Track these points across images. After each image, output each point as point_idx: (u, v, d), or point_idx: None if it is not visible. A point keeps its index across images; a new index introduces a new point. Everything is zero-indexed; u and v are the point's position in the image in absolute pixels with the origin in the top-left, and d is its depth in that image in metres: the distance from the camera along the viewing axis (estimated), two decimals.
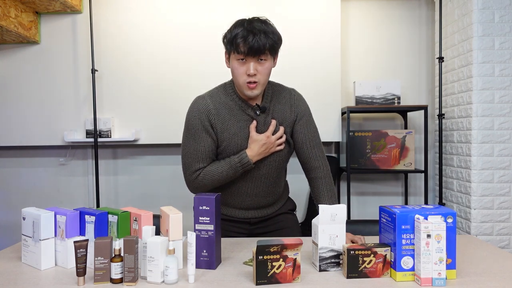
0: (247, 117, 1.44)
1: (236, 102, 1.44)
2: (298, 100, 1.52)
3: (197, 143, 1.43)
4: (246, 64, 1.35)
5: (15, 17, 2.41)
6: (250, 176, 1.48)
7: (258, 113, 1.44)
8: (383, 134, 2.57)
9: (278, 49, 1.39)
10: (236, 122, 1.44)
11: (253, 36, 1.30)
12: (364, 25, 2.83)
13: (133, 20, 2.67)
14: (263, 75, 1.36)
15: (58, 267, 1.21)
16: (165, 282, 1.06)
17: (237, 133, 1.43)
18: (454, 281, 1.07)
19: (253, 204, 1.53)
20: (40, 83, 2.72)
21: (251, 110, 1.44)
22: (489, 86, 2.36)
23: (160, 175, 2.83)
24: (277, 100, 1.49)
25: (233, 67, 1.38)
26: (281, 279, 1.06)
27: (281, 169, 1.54)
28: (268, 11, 2.65)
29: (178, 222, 1.16)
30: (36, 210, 1.24)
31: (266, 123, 1.46)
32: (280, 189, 1.59)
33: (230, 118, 1.43)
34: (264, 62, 1.35)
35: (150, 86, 2.68)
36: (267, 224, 1.59)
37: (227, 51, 1.40)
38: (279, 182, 1.56)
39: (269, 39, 1.32)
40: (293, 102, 1.50)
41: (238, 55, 1.34)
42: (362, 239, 1.35)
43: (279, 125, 1.48)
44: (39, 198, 2.85)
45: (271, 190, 1.54)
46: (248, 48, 1.30)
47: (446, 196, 2.69)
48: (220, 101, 1.45)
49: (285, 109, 1.49)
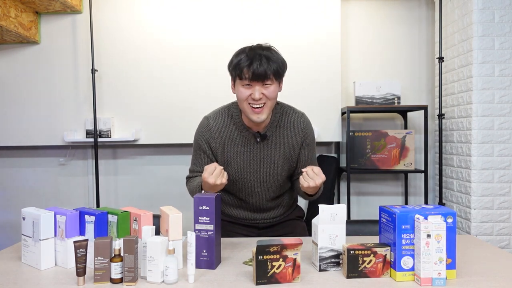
0: (246, 141, 1.48)
1: (238, 126, 1.48)
2: (308, 127, 1.53)
3: (196, 157, 1.56)
4: (251, 88, 1.36)
5: (15, 17, 2.41)
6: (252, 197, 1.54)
7: (258, 140, 1.47)
8: (383, 134, 2.57)
9: (283, 74, 1.41)
10: (235, 146, 1.48)
11: (256, 62, 1.32)
12: (364, 25, 2.83)
13: (133, 20, 2.67)
14: (269, 98, 1.37)
15: (58, 267, 1.21)
16: (165, 282, 1.06)
17: (235, 158, 1.49)
18: (454, 281, 1.07)
19: (260, 216, 1.59)
20: (40, 83, 2.72)
21: (251, 137, 1.47)
22: (489, 86, 2.36)
23: (160, 175, 2.83)
24: (285, 124, 1.50)
25: (238, 93, 1.39)
26: (281, 279, 1.06)
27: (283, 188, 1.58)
28: (268, 11, 2.65)
29: (178, 222, 1.16)
30: (36, 210, 1.24)
31: (267, 149, 1.48)
32: (286, 201, 1.63)
33: (229, 143, 1.49)
34: (269, 87, 1.36)
35: (150, 86, 2.68)
36: (275, 229, 1.63)
37: (232, 78, 1.43)
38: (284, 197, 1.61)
39: (273, 64, 1.34)
40: (303, 127, 1.52)
41: (243, 81, 1.36)
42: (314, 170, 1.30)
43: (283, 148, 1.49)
44: (39, 198, 2.85)
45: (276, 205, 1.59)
46: (252, 74, 1.32)
47: (446, 196, 2.68)
48: (223, 124, 1.49)
49: (294, 133, 1.50)
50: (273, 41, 2.63)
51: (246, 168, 1.49)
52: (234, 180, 1.51)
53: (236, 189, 1.55)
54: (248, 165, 1.49)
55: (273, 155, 1.49)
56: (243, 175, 1.50)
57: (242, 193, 1.54)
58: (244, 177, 1.50)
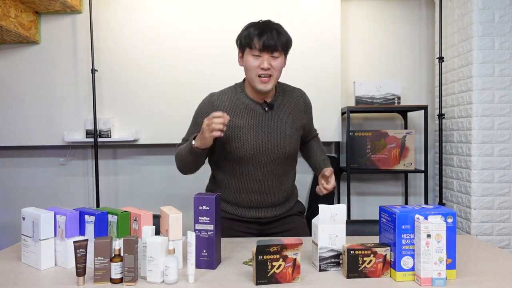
0: (253, 114, 1.50)
1: (243, 101, 1.52)
2: (306, 97, 1.64)
3: (192, 129, 1.57)
4: (260, 59, 1.42)
5: (15, 17, 2.42)
6: (257, 172, 1.51)
7: (266, 110, 1.51)
8: (383, 134, 2.57)
9: (289, 48, 1.48)
10: (239, 119, 1.50)
11: (267, 33, 1.40)
12: (364, 25, 2.83)
13: (133, 20, 2.67)
14: (276, 70, 1.44)
15: (58, 267, 1.21)
16: (165, 282, 1.06)
17: (241, 131, 1.49)
18: (454, 281, 1.07)
19: (262, 202, 1.56)
20: (40, 83, 2.72)
21: (259, 107, 1.51)
22: (489, 86, 2.36)
23: (160, 175, 2.83)
24: (289, 98, 1.57)
25: (246, 62, 1.45)
26: (281, 279, 1.06)
27: (288, 164, 1.57)
28: (268, 11, 2.65)
29: (178, 222, 1.16)
30: (36, 210, 1.24)
31: (274, 119, 1.52)
32: (289, 186, 1.61)
33: (235, 117, 1.50)
34: (277, 58, 1.43)
35: (150, 86, 2.68)
36: (276, 225, 1.61)
37: (240, 50, 1.48)
38: (287, 179, 1.59)
39: (283, 37, 1.42)
40: (305, 100, 1.62)
41: (253, 51, 1.42)
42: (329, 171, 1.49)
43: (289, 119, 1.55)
44: (39, 198, 2.85)
45: (278, 186, 1.56)
46: (263, 44, 1.39)
47: (446, 196, 2.69)
48: (226, 99, 1.53)
49: (298, 110, 1.58)
50: None
51: (254, 139, 1.49)
52: (239, 154, 1.48)
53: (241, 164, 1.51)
54: (257, 136, 1.49)
55: (281, 124, 1.52)
56: (250, 147, 1.48)
57: (248, 167, 1.51)
58: (252, 149, 1.48)
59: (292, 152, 1.55)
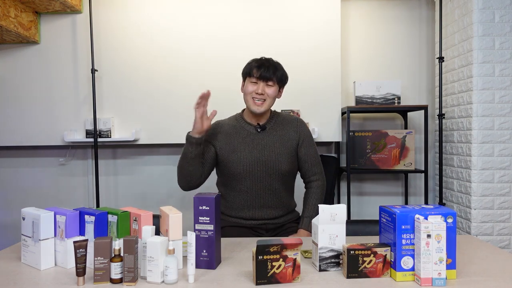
0: (247, 134, 1.75)
1: (240, 124, 1.78)
2: (302, 125, 1.81)
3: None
4: (256, 85, 1.69)
5: (14, 17, 2.41)
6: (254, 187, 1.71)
7: (259, 130, 1.75)
8: (383, 134, 2.57)
9: (284, 83, 1.76)
10: (236, 140, 1.75)
11: (265, 66, 1.68)
12: (364, 25, 2.83)
13: (133, 20, 2.67)
14: (269, 97, 1.70)
15: (58, 267, 1.21)
16: (165, 282, 1.06)
17: (239, 147, 1.73)
18: (454, 281, 1.07)
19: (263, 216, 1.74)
20: (40, 83, 2.72)
21: (253, 129, 1.76)
22: (489, 86, 2.36)
23: (160, 175, 2.83)
24: (282, 124, 1.79)
25: (245, 88, 1.73)
26: (281, 279, 1.06)
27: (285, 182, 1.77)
28: (268, 11, 2.65)
29: (178, 222, 1.16)
30: (36, 210, 1.24)
31: (266, 139, 1.74)
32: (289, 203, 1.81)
33: (234, 135, 1.75)
34: (271, 87, 1.70)
35: (150, 86, 2.68)
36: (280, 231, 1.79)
37: (243, 79, 1.76)
38: (288, 197, 1.80)
39: (278, 72, 1.71)
40: (297, 126, 1.80)
41: (251, 79, 1.70)
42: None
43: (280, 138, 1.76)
44: (39, 198, 2.85)
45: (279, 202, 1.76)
46: (260, 74, 1.68)
47: (446, 196, 2.68)
48: (227, 122, 1.81)
49: (290, 132, 1.78)
50: (273, 41, 2.65)
51: (249, 156, 1.71)
52: (237, 169, 1.71)
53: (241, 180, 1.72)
54: (250, 153, 1.72)
55: (272, 143, 1.74)
56: (246, 162, 1.71)
57: (246, 183, 1.71)
58: (247, 164, 1.71)
59: (288, 170, 1.74)
